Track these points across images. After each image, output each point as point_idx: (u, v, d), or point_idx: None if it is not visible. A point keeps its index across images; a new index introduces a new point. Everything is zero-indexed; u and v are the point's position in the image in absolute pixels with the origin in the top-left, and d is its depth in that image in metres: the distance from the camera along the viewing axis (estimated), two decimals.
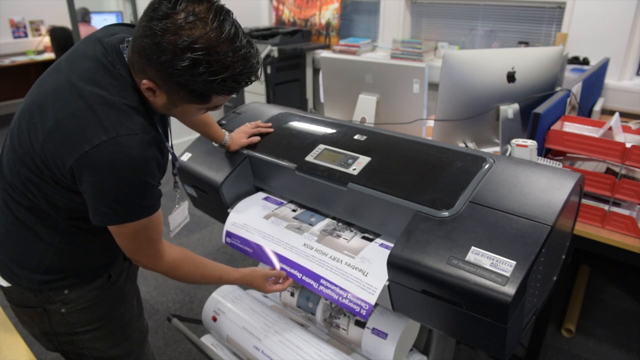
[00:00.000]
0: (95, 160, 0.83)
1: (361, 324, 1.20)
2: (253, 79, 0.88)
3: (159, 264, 1.01)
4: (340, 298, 1.05)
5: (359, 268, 1.07)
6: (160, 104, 0.90)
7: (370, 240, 1.17)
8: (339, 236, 1.20)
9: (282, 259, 1.18)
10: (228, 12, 0.84)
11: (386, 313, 1.18)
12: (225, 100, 0.92)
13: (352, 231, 1.22)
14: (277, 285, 1.20)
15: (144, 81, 0.85)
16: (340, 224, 1.26)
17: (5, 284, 1.03)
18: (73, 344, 1.08)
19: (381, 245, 1.15)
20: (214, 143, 1.42)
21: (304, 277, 1.12)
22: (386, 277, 1.02)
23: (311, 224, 1.26)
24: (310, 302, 1.31)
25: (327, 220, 1.28)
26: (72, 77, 0.88)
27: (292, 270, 1.14)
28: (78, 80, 0.87)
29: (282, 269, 1.17)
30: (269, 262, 1.21)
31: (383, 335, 1.16)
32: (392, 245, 1.09)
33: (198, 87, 0.83)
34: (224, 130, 1.39)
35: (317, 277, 1.10)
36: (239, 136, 1.39)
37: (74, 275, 1.02)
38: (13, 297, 1.05)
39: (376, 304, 1.02)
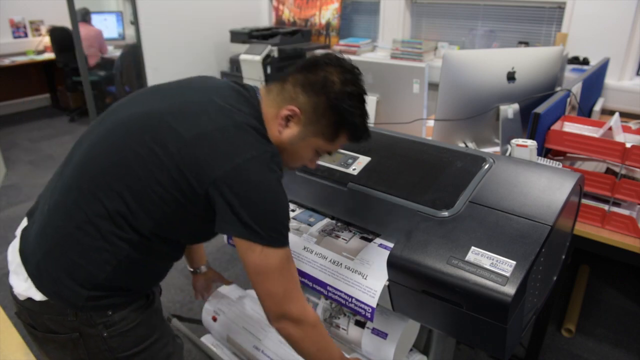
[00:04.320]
0: (246, 174, 0.86)
1: (361, 324, 1.20)
2: (367, 137, 1.01)
3: (307, 313, 0.95)
4: (347, 303, 1.06)
5: (358, 271, 1.07)
6: (286, 136, 0.97)
7: (369, 240, 1.17)
8: (337, 237, 1.20)
9: None
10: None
11: (386, 313, 1.18)
12: (337, 149, 1.02)
13: (350, 231, 1.22)
14: None
15: (289, 107, 0.94)
16: (339, 224, 1.26)
17: (39, 297, 0.93)
18: None
19: (380, 245, 1.14)
20: (188, 267, 1.47)
21: (314, 285, 1.14)
22: (385, 278, 1.02)
23: (310, 224, 1.26)
24: (310, 302, 1.31)
25: (326, 220, 1.28)
26: (215, 98, 0.94)
27: (301, 279, 1.14)
28: (221, 101, 0.93)
29: None
30: None
31: (383, 335, 1.16)
32: (390, 245, 1.09)
33: (354, 117, 0.95)
34: (204, 262, 1.47)
35: (324, 285, 1.11)
36: (204, 282, 1.49)
37: (119, 295, 0.96)
38: (43, 321, 0.95)
39: (377, 304, 1.02)
